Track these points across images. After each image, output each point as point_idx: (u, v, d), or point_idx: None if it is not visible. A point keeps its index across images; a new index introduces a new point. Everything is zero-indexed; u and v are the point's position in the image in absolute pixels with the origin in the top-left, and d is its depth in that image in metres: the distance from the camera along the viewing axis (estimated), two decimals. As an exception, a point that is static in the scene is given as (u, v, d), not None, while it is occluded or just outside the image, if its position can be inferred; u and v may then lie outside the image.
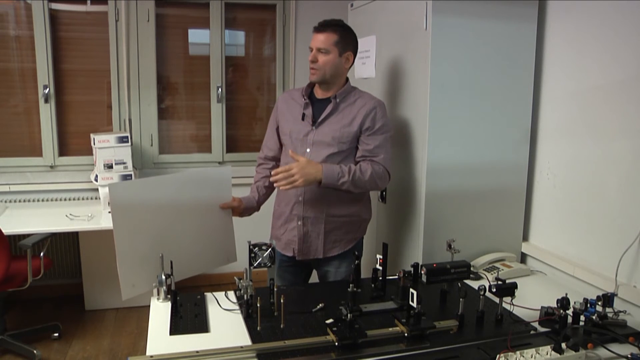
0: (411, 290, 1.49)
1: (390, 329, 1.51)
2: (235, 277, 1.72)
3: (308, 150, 1.98)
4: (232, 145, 3.86)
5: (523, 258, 2.30)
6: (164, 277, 1.71)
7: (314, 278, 2.21)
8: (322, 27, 1.98)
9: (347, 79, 2.06)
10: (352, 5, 2.68)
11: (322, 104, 2.02)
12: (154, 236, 1.75)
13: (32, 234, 2.80)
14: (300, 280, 2.14)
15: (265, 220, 2.27)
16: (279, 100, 2.17)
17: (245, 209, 2.05)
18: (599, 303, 1.58)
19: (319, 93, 2.05)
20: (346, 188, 1.90)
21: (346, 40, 1.98)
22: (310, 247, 2.04)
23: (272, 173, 1.86)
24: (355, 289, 1.78)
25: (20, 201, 3.47)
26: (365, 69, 2.53)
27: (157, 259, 1.69)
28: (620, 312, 1.61)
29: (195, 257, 1.88)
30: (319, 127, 1.99)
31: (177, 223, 1.80)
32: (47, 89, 3.46)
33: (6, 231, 2.67)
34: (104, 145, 3.23)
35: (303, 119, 2.03)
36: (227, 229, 1.96)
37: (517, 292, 1.60)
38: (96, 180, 3.24)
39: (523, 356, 1.34)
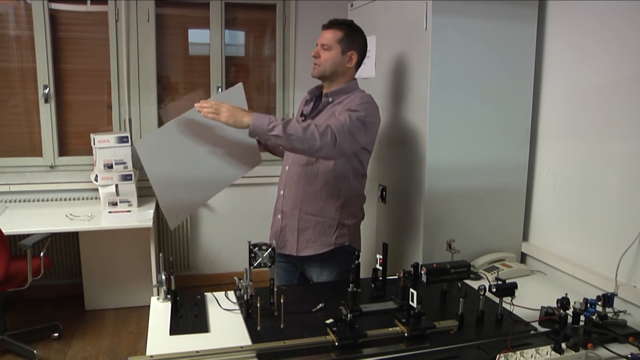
0: (411, 290, 1.49)
1: (390, 329, 1.51)
2: (235, 277, 1.72)
3: None
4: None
5: (523, 258, 2.30)
6: (164, 277, 1.71)
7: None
8: (330, 24, 1.99)
9: (353, 80, 2.03)
10: (352, 5, 2.68)
11: (320, 102, 2.03)
12: (185, 168, 1.90)
13: (32, 234, 2.80)
14: (293, 278, 2.13)
15: (265, 220, 2.27)
16: (303, 98, 2.20)
17: None
18: (599, 303, 1.58)
19: (324, 91, 2.05)
20: (277, 133, 1.70)
21: (351, 39, 1.97)
22: (287, 243, 2.04)
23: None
24: (355, 289, 1.79)
25: (20, 201, 3.47)
26: (365, 69, 2.53)
27: (192, 187, 1.93)
28: (620, 312, 1.61)
29: (225, 170, 2.02)
30: None
31: (203, 148, 1.92)
32: (47, 89, 3.46)
33: (6, 231, 2.67)
34: (104, 145, 3.22)
35: (302, 114, 2.06)
36: (247, 137, 1.93)
37: (517, 292, 1.60)
38: (96, 180, 3.24)
39: (523, 356, 1.34)
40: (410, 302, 1.50)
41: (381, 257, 1.84)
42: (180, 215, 2.01)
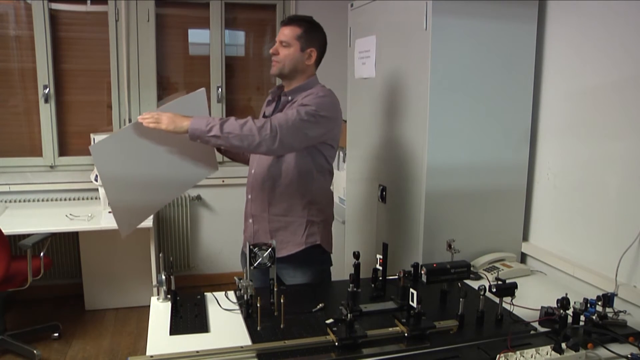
0: (411, 290, 1.49)
1: (390, 329, 1.51)
2: (235, 277, 1.72)
3: None
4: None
5: (523, 258, 2.30)
6: (164, 277, 1.71)
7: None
8: (288, 20, 1.96)
9: (313, 76, 2.01)
10: (352, 5, 2.68)
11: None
12: (140, 174, 1.83)
13: (32, 234, 2.80)
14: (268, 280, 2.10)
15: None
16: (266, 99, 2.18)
17: None
18: (599, 303, 1.58)
19: (285, 90, 2.03)
20: (215, 133, 1.70)
21: (310, 36, 1.95)
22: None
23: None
24: (355, 289, 1.79)
25: (20, 201, 3.47)
26: (365, 69, 2.53)
27: (146, 193, 1.85)
28: (620, 312, 1.61)
29: (181, 178, 2.01)
30: None
31: (159, 155, 1.86)
32: (47, 89, 3.46)
33: (6, 231, 2.67)
34: (104, 145, 3.22)
35: (264, 116, 2.03)
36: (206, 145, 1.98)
37: (517, 292, 1.60)
38: (96, 180, 3.23)
39: (523, 356, 1.34)
40: (410, 302, 1.50)
41: (381, 257, 1.84)
42: (133, 224, 1.91)
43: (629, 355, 1.39)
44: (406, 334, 1.48)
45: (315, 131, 1.86)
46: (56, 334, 3.10)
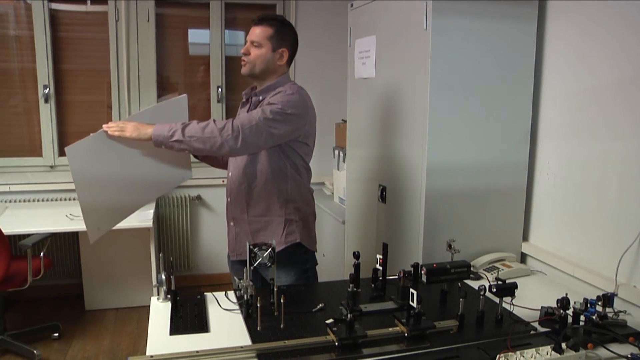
0: (411, 290, 1.49)
1: (390, 329, 1.51)
2: (235, 277, 1.72)
3: None
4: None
5: (523, 258, 2.30)
6: (164, 277, 1.71)
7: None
8: (259, 20, 1.95)
9: (283, 74, 2.00)
10: (352, 5, 2.68)
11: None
12: (113, 179, 1.82)
13: (32, 234, 2.80)
14: (257, 282, 2.06)
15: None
16: None
17: None
18: (599, 303, 1.58)
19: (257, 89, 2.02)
20: (177, 138, 1.72)
21: (282, 35, 1.95)
22: (243, 248, 2.00)
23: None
24: (355, 289, 1.79)
25: (20, 201, 3.47)
26: (365, 69, 2.53)
27: (119, 199, 1.85)
28: (620, 312, 1.61)
29: (154, 183, 2.00)
30: None
31: (133, 160, 1.85)
32: (47, 89, 3.46)
33: (6, 231, 2.67)
34: (104, 145, 3.22)
35: None
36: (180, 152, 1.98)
37: (517, 292, 1.60)
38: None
39: (523, 356, 1.34)
40: (410, 302, 1.50)
41: (381, 257, 1.84)
42: (102, 228, 1.88)
43: (629, 355, 1.39)
44: (406, 334, 1.48)
45: (282, 129, 1.85)
46: (56, 334, 3.10)
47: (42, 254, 2.85)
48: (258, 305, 1.53)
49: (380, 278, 1.84)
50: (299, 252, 2.01)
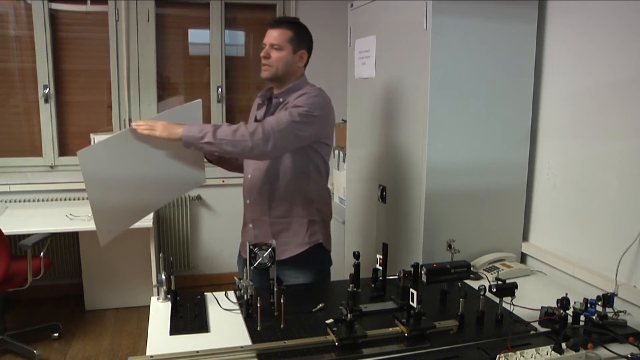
0: (411, 290, 1.49)
1: (390, 329, 1.51)
2: (235, 277, 1.72)
3: None
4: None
5: (523, 258, 2.30)
6: (164, 277, 1.71)
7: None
8: (276, 23, 1.95)
9: (302, 76, 2.01)
10: (352, 5, 2.68)
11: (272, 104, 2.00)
12: (126, 183, 1.81)
13: (32, 234, 2.81)
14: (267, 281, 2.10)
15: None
16: (254, 102, 2.17)
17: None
18: (599, 303, 1.58)
19: (275, 93, 2.02)
20: (208, 140, 1.73)
21: (300, 38, 1.96)
22: None
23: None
24: (355, 289, 1.79)
25: (20, 201, 3.47)
26: (365, 69, 2.53)
27: (131, 203, 1.82)
28: (620, 312, 1.61)
29: (166, 188, 1.98)
30: None
31: (147, 164, 1.84)
32: (47, 89, 3.46)
33: (6, 231, 2.67)
34: (104, 145, 3.22)
35: (256, 120, 2.02)
36: (196, 155, 1.97)
37: (517, 292, 1.60)
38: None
39: (523, 356, 1.34)
40: (410, 302, 1.50)
41: (381, 257, 1.84)
42: (113, 232, 1.86)
43: (629, 355, 1.39)
44: (406, 334, 1.48)
45: (308, 131, 1.87)
46: (56, 334, 3.10)
47: (42, 254, 2.85)
48: (258, 305, 1.53)
49: (380, 278, 1.84)
50: (318, 252, 2.02)
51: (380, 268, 1.84)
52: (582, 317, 1.56)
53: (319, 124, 1.90)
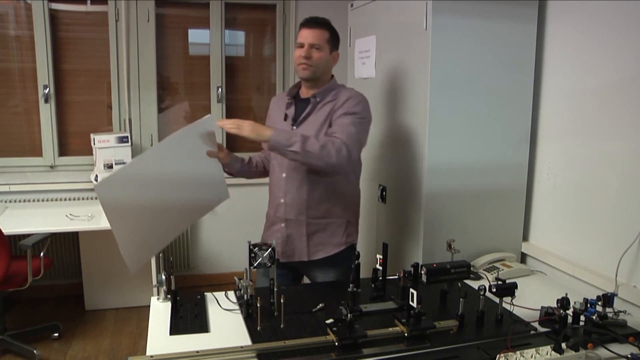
0: (411, 290, 1.49)
1: (390, 329, 1.51)
2: (235, 277, 1.72)
3: None
4: (232, 144, 3.86)
5: (523, 258, 2.30)
6: (164, 277, 1.71)
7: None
8: (315, 24, 1.97)
9: (334, 76, 2.04)
10: (352, 5, 2.68)
11: (304, 103, 2.00)
12: (148, 210, 1.77)
13: (32, 234, 2.80)
14: (287, 281, 2.10)
15: (263, 222, 2.26)
16: (271, 103, 2.17)
17: (229, 163, 2.01)
18: (599, 303, 1.58)
19: (303, 93, 2.03)
20: (296, 149, 1.75)
21: (335, 39, 2.00)
22: (295, 250, 2.01)
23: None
24: (355, 289, 1.79)
25: (20, 201, 3.47)
26: (365, 69, 2.53)
27: (156, 230, 1.76)
28: (620, 312, 1.61)
29: (191, 209, 1.94)
30: (299, 127, 1.97)
31: (168, 187, 1.80)
32: (47, 89, 3.46)
33: (6, 231, 2.67)
34: (104, 145, 3.22)
35: (285, 119, 2.02)
36: (216, 172, 1.94)
37: (517, 292, 1.60)
38: (96, 180, 3.24)
39: (523, 356, 1.34)
40: (410, 302, 1.50)
41: (381, 257, 1.84)
42: (142, 260, 1.83)
43: (629, 355, 1.39)
44: (406, 334, 1.48)
45: (365, 136, 1.96)
46: (56, 334, 3.10)
47: (42, 254, 2.85)
48: (258, 305, 1.53)
49: (380, 278, 1.84)
50: (350, 252, 2.03)
51: (380, 268, 1.84)
52: (582, 317, 1.57)
53: (369, 127, 1.97)
